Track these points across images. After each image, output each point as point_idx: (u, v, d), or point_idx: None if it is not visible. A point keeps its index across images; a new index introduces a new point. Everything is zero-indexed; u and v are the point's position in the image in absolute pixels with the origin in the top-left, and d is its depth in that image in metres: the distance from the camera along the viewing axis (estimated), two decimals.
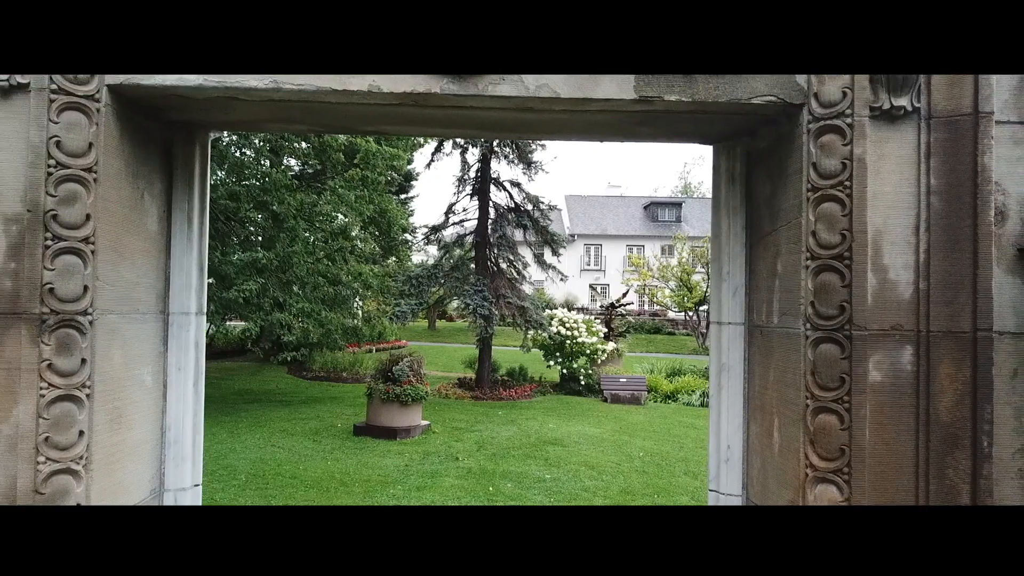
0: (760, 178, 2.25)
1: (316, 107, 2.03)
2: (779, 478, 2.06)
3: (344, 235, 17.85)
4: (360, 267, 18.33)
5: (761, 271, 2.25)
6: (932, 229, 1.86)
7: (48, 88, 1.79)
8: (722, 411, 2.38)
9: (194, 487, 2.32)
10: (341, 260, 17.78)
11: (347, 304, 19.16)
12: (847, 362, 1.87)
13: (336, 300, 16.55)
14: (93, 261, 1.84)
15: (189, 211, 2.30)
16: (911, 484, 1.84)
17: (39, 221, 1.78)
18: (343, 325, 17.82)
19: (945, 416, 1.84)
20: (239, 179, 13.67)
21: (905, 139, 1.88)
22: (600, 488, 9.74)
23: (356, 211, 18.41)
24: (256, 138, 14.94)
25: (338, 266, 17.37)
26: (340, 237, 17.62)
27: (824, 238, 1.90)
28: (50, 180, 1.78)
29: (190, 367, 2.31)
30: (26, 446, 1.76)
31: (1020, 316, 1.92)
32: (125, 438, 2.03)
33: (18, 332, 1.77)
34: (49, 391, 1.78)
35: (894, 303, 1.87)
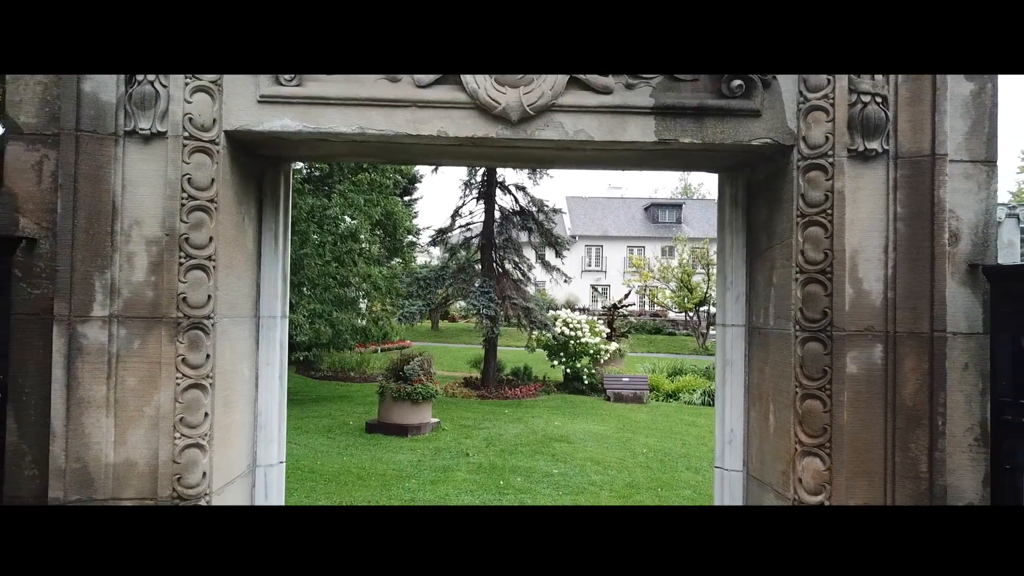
0: (758, 204, 2.68)
1: (391, 146, 2.46)
2: (774, 453, 2.48)
3: (353, 237, 18.25)
4: (369, 268, 18.75)
5: (759, 282, 2.68)
6: (898, 249, 2.28)
7: (182, 135, 2.21)
8: (726, 400, 2.81)
9: (279, 464, 2.75)
10: (350, 262, 18.18)
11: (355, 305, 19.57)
12: (829, 357, 2.29)
13: (343, 301, 16.93)
14: (214, 275, 2.26)
15: (275, 230, 2.72)
16: (880, 456, 2.26)
17: (175, 243, 2.20)
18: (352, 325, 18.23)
19: (908, 401, 2.26)
20: None
21: (876, 175, 2.30)
22: (606, 482, 10.14)
23: (365, 214, 18.80)
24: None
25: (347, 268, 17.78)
26: (349, 239, 18.02)
27: (810, 256, 2.32)
28: (183, 209, 2.21)
29: (276, 362, 2.73)
30: (166, 425, 2.18)
31: (971, 319, 2.34)
32: (232, 420, 2.45)
33: (159, 333, 2.19)
34: (183, 380, 2.21)
35: (867, 309, 2.30)
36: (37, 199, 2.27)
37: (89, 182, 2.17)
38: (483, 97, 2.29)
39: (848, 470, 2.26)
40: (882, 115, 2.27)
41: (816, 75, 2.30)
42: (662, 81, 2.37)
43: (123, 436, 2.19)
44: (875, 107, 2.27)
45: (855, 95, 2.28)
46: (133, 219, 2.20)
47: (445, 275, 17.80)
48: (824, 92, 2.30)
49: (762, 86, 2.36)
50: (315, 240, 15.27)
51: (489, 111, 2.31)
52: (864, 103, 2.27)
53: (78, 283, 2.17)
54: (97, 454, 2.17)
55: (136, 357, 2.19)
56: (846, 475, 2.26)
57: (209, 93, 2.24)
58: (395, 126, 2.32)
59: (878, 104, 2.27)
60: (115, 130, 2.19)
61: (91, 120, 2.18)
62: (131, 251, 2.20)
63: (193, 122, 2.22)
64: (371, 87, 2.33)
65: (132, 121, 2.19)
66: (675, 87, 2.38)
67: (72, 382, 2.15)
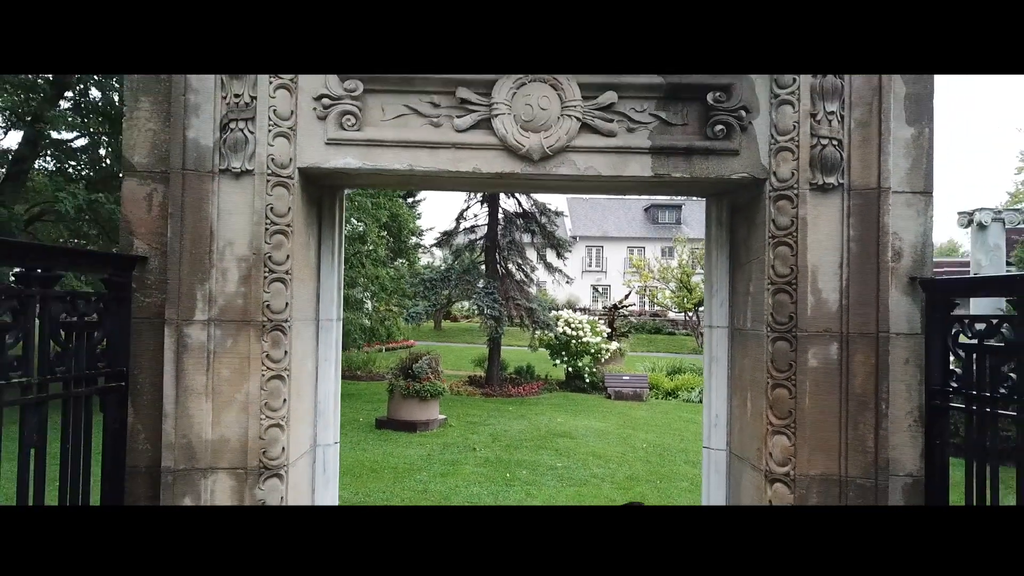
0: (739, 224, 3.19)
1: (434, 179, 2.97)
2: (750, 433, 2.99)
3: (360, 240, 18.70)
4: (376, 270, 19.20)
5: (739, 290, 3.18)
6: (851, 264, 2.79)
7: (265, 172, 2.71)
8: (712, 390, 3.31)
9: (335, 444, 3.26)
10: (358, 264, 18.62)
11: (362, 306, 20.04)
12: (794, 353, 2.79)
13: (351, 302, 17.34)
14: (291, 286, 2.77)
15: (332, 247, 3.23)
16: (836, 434, 2.76)
17: (260, 260, 2.71)
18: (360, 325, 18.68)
19: (858, 389, 2.76)
20: None
21: (833, 204, 2.80)
22: (608, 475, 10.65)
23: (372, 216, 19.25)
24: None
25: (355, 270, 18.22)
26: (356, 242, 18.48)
27: (780, 270, 2.83)
28: (267, 232, 2.71)
29: (332, 358, 3.24)
30: (253, 408, 2.69)
31: (911, 322, 2.85)
32: (300, 406, 2.96)
33: (247, 333, 2.70)
34: (267, 372, 2.71)
35: (825, 314, 2.80)
36: (148, 224, 2.78)
37: (192, 211, 2.68)
38: (510, 140, 2.80)
39: (809, 445, 2.77)
40: (838, 155, 2.77)
41: (784, 120, 2.81)
42: (657, 126, 2.88)
43: (219, 417, 2.69)
44: (832, 149, 2.77)
45: (816, 138, 2.78)
46: (227, 241, 2.70)
47: (450, 276, 18.28)
48: (791, 135, 2.81)
49: (740, 130, 2.86)
50: None
51: (515, 152, 2.81)
52: (823, 145, 2.78)
53: (184, 293, 2.67)
54: (199, 432, 2.67)
55: (229, 353, 2.70)
56: (808, 450, 2.77)
57: (287, 137, 2.75)
58: (438, 164, 2.83)
59: (834, 146, 2.77)
60: (212, 168, 2.69)
61: (194, 161, 2.68)
62: (225, 267, 2.70)
63: (274, 161, 2.73)
64: (418, 131, 2.83)
65: (226, 161, 2.69)
66: (668, 131, 2.89)
67: (179, 373, 2.66)
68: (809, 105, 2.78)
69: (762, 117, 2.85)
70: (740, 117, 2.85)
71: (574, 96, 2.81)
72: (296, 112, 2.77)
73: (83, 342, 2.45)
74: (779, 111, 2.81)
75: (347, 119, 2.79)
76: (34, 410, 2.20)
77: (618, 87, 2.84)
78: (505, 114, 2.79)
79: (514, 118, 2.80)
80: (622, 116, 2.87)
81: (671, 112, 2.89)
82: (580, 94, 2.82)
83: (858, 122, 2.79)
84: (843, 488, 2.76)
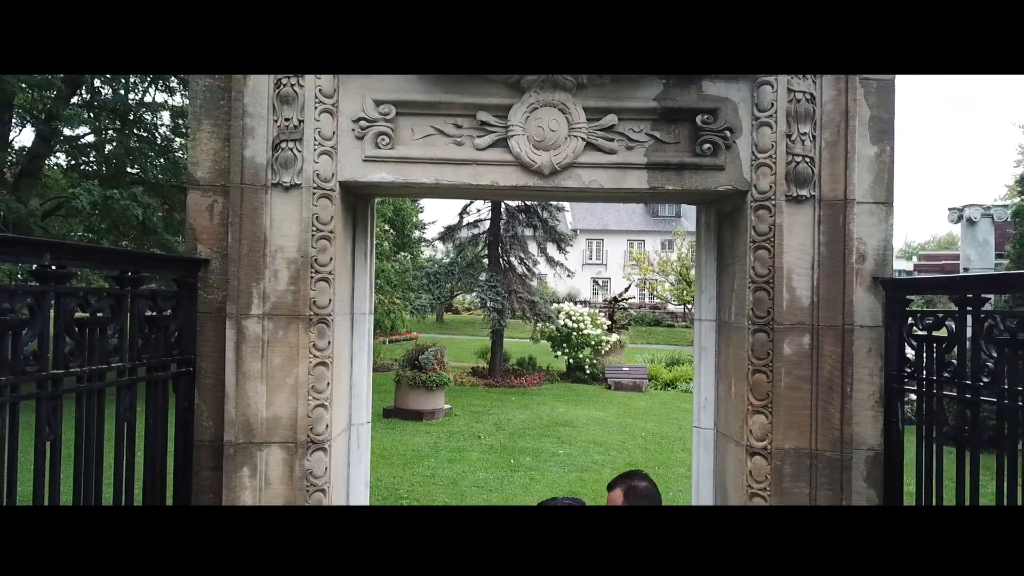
0: (725, 230, 3.60)
1: (456, 190, 3.38)
2: (733, 414, 3.41)
3: None
4: (382, 264, 19.56)
5: (725, 288, 3.60)
6: (821, 266, 3.20)
7: (311, 186, 3.12)
8: (701, 376, 3.73)
9: (367, 423, 3.68)
10: None
11: None
12: (771, 343, 3.21)
13: None
14: (333, 284, 3.18)
15: (364, 249, 3.64)
16: (807, 414, 3.18)
17: (307, 262, 3.12)
18: None
19: (827, 374, 3.18)
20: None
21: (806, 213, 3.21)
22: (608, 461, 11.08)
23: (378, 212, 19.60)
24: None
25: None
26: None
27: (759, 271, 3.24)
28: (313, 238, 3.12)
29: (364, 347, 3.66)
30: (302, 391, 3.11)
31: (873, 316, 3.26)
32: (339, 389, 3.38)
33: (297, 326, 3.11)
34: (313, 359, 3.13)
35: (799, 309, 3.21)
36: (209, 231, 3.19)
37: (249, 220, 3.09)
38: (524, 158, 3.20)
39: (784, 423, 3.19)
40: (810, 171, 3.18)
41: (764, 140, 3.21)
42: (652, 144, 3.29)
43: (272, 399, 3.11)
44: (805, 165, 3.18)
45: (791, 156, 3.19)
46: (278, 246, 3.12)
47: (454, 270, 18.69)
48: (769, 153, 3.21)
49: (725, 148, 3.27)
50: None
51: (528, 168, 3.22)
52: (797, 162, 3.18)
53: (242, 291, 3.09)
54: (255, 411, 3.09)
55: (280, 343, 3.12)
56: (783, 427, 3.19)
57: (330, 155, 3.16)
58: (461, 178, 3.24)
59: (807, 163, 3.18)
60: (265, 183, 3.10)
61: (250, 176, 3.09)
62: (276, 268, 3.11)
63: (319, 176, 3.13)
64: (443, 149, 3.24)
65: (277, 176, 3.10)
66: (662, 148, 3.30)
67: (239, 360, 3.08)
68: (785, 127, 3.19)
69: (744, 137, 3.26)
70: (725, 137, 3.26)
71: (580, 119, 3.22)
72: (337, 133, 3.17)
73: (161, 334, 2.87)
74: (759, 132, 3.22)
75: (382, 139, 3.20)
76: (126, 390, 2.63)
77: (618, 111, 3.25)
78: (519, 135, 3.20)
79: (527, 138, 3.21)
80: (621, 136, 3.28)
81: (664, 132, 3.30)
82: (585, 117, 3.23)
83: (828, 142, 3.20)
84: (813, 460, 3.18)
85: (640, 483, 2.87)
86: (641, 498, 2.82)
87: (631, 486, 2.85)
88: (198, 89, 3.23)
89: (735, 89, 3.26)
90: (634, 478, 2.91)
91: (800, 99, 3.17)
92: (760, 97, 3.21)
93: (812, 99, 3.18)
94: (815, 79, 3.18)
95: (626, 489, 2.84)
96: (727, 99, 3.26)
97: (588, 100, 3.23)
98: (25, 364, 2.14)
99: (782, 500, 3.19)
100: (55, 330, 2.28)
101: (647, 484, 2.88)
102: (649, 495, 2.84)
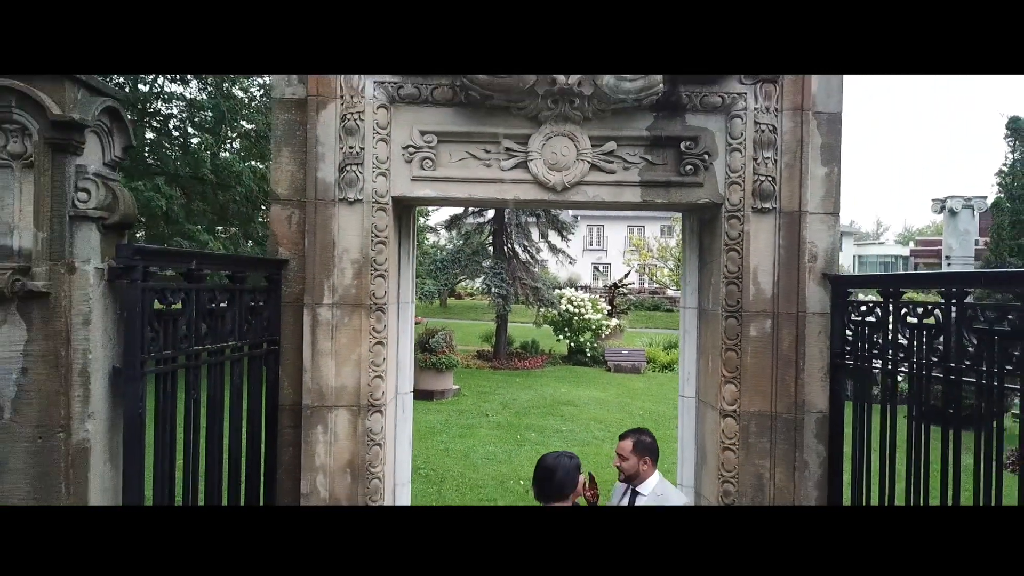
0: (705, 235, 4.37)
1: (485, 202, 4.14)
2: (710, 384, 4.20)
3: None
4: None
5: (705, 282, 4.38)
6: (781, 265, 3.97)
7: (371, 201, 3.88)
8: (685, 353, 4.53)
9: (410, 392, 4.48)
10: None
11: None
12: (740, 327, 3.99)
13: None
14: (387, 279, 3.96)
15: (408, 249, 4.42)
16: (768, 384, 3.96)
17: (368, 262, 3.89)
18: None
19: (785, 352, 3.96)
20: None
21: (769, 222, 3.98)
22: (608, 437, 11.90)
23: None
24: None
25: None
26: None
27: (731, 268, 4.01)
28: (372, 243, 3.89)
29: (408, 330, 4.45)
30: (364, 365, 3.89)
31: (822, 305, 4.04)
32: (389, 363, 4.17)
33: (359, 313, 3.89)
34: (372, 340, 3.91)
35: (762, 299, 3.99)
36: (288, 237, 3.97)
37: (321, 228, 3.86)
38: (541, 177, 3.97)
39: (750, 391, 3.97)
40: (772, 188, 3.94)
41: (735, 163, 3.97)
42: (644, 166, 4.05)
43: (339, 372, 3.90)
44: (768, 183, 3.94)
45: (757, 176, 3.95)
46: (343, 248, 3.89)
47: (460, 258, 19.43)
48: (739, 173, 3.97)
49: (704, 169, 4.03)
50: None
51: (544, 185, 3.99)
52: (762, 181, 3.95)
53: (316, 285, 3.87)
54: (327, 381, 3.88)
55: (346, 327, 3.90)
56: (749, 394, 3.98)
57: (384, 175, 3.92)
58: (489, 193, 4.01)
59: (770, 182, 3.94)
60: (334, 198, 3.87)
61: (321, 192, 3.86)
62: (343, 267, 3.89)
63: (376, 192, 3.90)
64: (475, 170, 4.00)
65: (343, 193, 3.86)
66: (653, 169, 4.06)
67: (314, 341, 3.86)
68: (752, 152, 3.95)
69: (720, 160, 4.02)
70: (704, 160, 4.02)
71: (586, 145, 3.98)
72: (390, 158, 3.94)
73: (257, 320, 3.65)
74: (731, 156, 3.98)
75: (426, 162, 3.97)
76: (237, 363, 3.42)
77: (617, 138, 4.01)
78: (537, 159, 3.97)
79: (543, 161, 3.97)
80: (620, 159, 4.04)
81: (655, 156, 4.06)
82: (590, 144, 3.99)
83: (787, 164, 3.96)
84: (773, 421, 3.97)
85: (645, 438, 3.72)
86: (645, 448, 3.65)
87: (639, 439, 3.69)
88: (279, 122, 3.99)
89: (712, 121, 4.02)
90: (641, 433, 3.75)
91: (764, 130, 3.94)
92: (732, 127, 3.97)
93: (774, 129, 3.94)
94: (777, 114, 3.94)
95: (635, 440, 3.68)
96: (706, 129, 4.02)
97: (593, 130, 3.99)
98: (180, 342, 2.92)
99: (748, 453, 3.99)
100: (195, 316, 3.06)
101: (650, 440, 3.72)
102: (652, 448, 3.67)
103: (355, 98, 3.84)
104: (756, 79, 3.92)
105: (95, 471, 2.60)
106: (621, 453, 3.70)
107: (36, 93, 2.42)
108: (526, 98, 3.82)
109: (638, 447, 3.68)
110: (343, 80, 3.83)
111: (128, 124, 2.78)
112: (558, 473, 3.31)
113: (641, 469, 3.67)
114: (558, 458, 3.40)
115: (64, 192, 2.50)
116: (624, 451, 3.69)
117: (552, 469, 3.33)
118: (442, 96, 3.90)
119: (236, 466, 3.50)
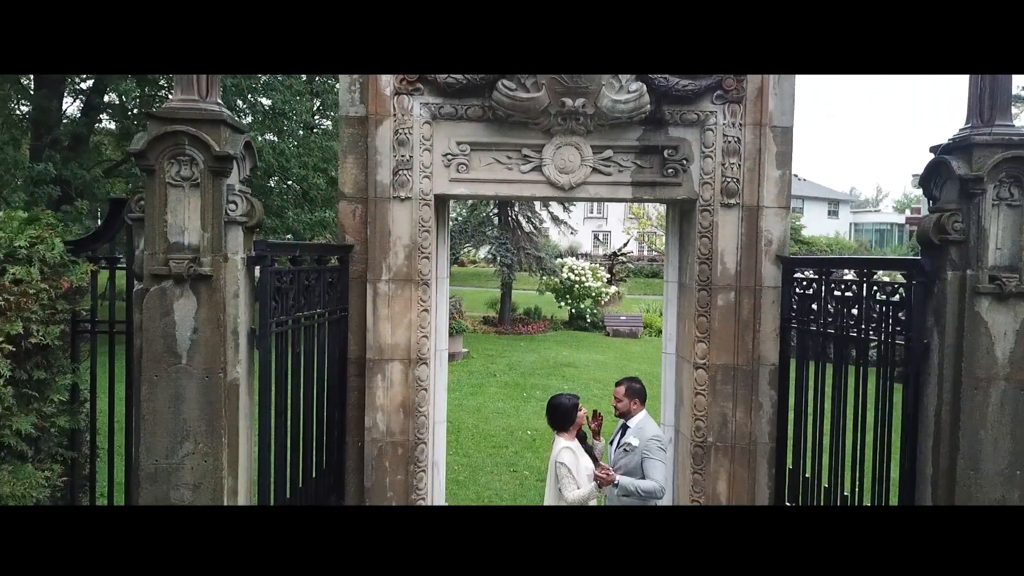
0: (684, 223, 5.41)
1: (507, 198, 5.16)
2: (686, 343, 5.28)
3: None
4: None
5: (684, 261, 5.43)
6: (742, 248, 5.01)
7: (418, 198, 4.91)
8: (668, 319, 5.61)
9: (446, 349, 5.57)
10: None
11: None
12: (710, 298, 5.04)
13: None
14: (432, 259, 5.01)
15: (444, 234, 5.46)
16: (732, 342, 5.03)
17: (416, 246, 4.94)
18: None
19: (745, 317, 5.03)
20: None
21: (735, 214, 5.01)
22: (606, 395, 13.02)
23: None
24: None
25: None
26: None
27: (703, 251, 5.06)
28: (419, 231, 4.93)
29: (444, 300, 5.52)
30: (414, 327, 4.97)
31: (776, 281, 5.09)
32: (431, 326, 5.24)
33: (410, 286, 4.95)
34: (420, 307, 4.98)
35: (728, 276, 5.03)
36: (353, 227, 5.01)
37: (379, 220, 4.90)
38: (552, 179, 4.99)
39: (716, 349, 5.05)
40: (736, 187, 4.96)
41: (708, 166, 4.98)
42: (635, 169, 5.07)
43: (394, 332, 4.97)
44: (733, 183, 4.96)
45: (724, 177, 4.97)
46: (397, 236, 4.93)
47: (467, 228, 20.40)
48: (711, 175, 4.99)
49: (683, 171, 5.05)
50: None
51: (555, 185, 5.01)
52: (728, 181, 4.96)
53: (376, 265, 4.92)
54: (384, 339, 4.96)
55: (399, 297, 4.96)
56: (716, 351, 5.05)
57: (428, 178, 4.94)
58: (512, 192, 5.05)
59: (735, 183, 4.96)
60: (388, 196, 4.90)
61: (379, 192, 4.89)
62: (397, 251, 4.94)
63: (422, 191, 4.93)
64: (500, 173, 5.02)
65: (396, 192, 4.89)
66: (642, 171, 5.08)
67: (375, 308, 4.93)
68: (721, 158, 4.97)
69: (696, 164, 5.04)
70: (683, 164, 5.04)
71: (588, 153, 4.99)
72: (432, 163, 4.95)
73: (333, 292, 4.72)
74: (704, 161, 5.00)
75: (461, 166, 4.99)
76: (321, 326, 4.50)
77: (613, 147, 5.02)
78: (549, 164, 4.98)
79: (554, 166, 4.99)
80: (615, 163, 5.06)
81: (643, 161, 5.08)
82: (592, 152, 5.00)
83: (748, 168, 4.98)
84: (735, 371, 5.05)
85: (635, 384, 4.80)
86: (635, 393, 4.72)
87: (630, 385, 4.77)
88: (344, 135, 5.00)
89: (690, 133, 5.02)
90: (632, 381, 4.84)
91: (731, 140, 4.95)
92: (705, 139, 4.98)
93: (738, 140, 4.95)
94: (741, 128, 4.95)
95: (627, 387, 4.76)
96: (684, 139, 5.03)
97: (594, 141, 5.00)
98: (290, 310, 3.99)
99: (715, 397, 5.08)
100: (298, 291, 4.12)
101: (639, 386, 4.80)
102: (640, 392, 4.75)
103: (405, 116, 4.85)
104: (725, 100, 4.92)
105: (242, 400, 3.69)
106: (616, 396, 4.79)
107: (203, 135, 3.45)
108: (541, 116, 4.83)
109: (629, 391, 4.75)
110: (396, 102, 4.84)
111: (254, 150, 3.80)
112: (560, 408, 4.47)
113: (632, 408, 4.75)
114: (559, 397, 4.59)
115: (221, 204, 3.54)
116: (619, 395, 4.78)
117: (556, 406, 4.53)
118: (474, 114, 4.91)
119: (321, 398, 4.61)
